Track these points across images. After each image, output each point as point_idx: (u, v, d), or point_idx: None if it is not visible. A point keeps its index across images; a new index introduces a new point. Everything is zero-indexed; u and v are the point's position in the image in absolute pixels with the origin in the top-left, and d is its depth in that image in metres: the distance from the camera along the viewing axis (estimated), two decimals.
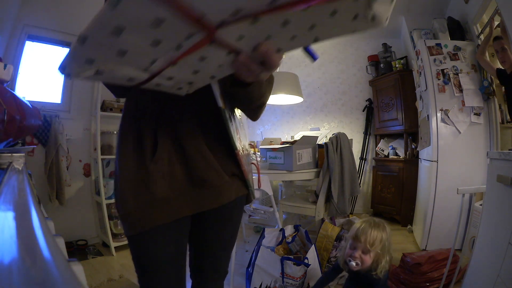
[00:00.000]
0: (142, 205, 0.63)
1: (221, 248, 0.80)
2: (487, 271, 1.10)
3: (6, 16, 1.99)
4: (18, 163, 0.83)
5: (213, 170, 0.67)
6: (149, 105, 0.66)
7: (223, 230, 0.78)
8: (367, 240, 1.11)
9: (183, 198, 0.66)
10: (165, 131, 0.65)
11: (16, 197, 0.56)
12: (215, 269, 0.81)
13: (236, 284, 1.70)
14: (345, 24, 0.38)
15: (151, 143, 0.64)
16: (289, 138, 3.03)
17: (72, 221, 2.35)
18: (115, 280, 1.77)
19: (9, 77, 1.41)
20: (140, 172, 0.63)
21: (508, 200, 1.04)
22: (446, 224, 2.10)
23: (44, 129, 2.21)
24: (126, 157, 0.65)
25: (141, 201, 0.63)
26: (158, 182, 0.63)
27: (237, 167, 0.73)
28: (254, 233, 2.66)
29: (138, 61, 0.37)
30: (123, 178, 0.64)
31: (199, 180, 0.66)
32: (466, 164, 2.15)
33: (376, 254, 1.12)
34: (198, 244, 0.78)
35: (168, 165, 0.64)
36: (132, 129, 0.66)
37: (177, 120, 0.66)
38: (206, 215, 0.72)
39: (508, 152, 1.04)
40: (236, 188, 0.74)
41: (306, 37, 0.40)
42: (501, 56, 1.91)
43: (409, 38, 2.85)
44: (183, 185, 0.66)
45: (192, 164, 0.66)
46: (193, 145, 0.66)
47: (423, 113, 2.53)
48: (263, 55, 0.40)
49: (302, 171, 2.02)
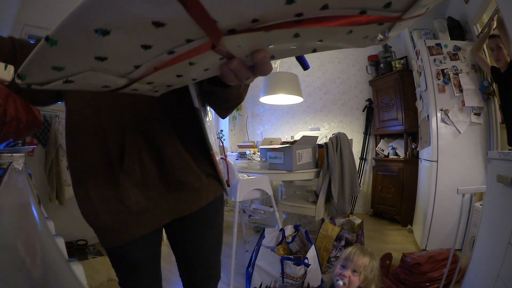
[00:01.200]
0: (117, 219, 0.60)
1: (210, 253, 0.77)
2: (487, 271, 1.10)
3: (6, 16, 1.99)
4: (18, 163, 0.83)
5: (192, 172, 0.63)
6: (109, 102, 0.59)
7: (210, 235, 0.75)
8: (358, 261, 1.10)
9: (160, 206, 0.63)
10: (135, 130, 0.59)
11: (16, 197, 0.56)
12: (209, 277, 0.79)
13: (236, 284, 1.70)
14: (350, 40, 0.36)
15: (117, 145, 0.58)
16: (289, 138, 3.03)
17: (72, 221, 2.33)
18: (115, 280, 1.77)
19: (10, 77, 1.41)
20: (109, 183, 0.59)
21: (508, 200, 1.04)
22: (446, 224, 2.10)
23: (44, 129, 2.21)
24: (89, 165, 0.59)
25: (115, 214, 0.60)
26: (132, 195, 0.59)
27: (213, 167, 0.71)
28: (254, 233, 2.66)
29: (119, 67, 0.32)
30: (91, 189, 0.59)
31: (177, 183, 0.63)
32: (466, 164, 2.15)
33: (365, 278, 1.10)
34: (186, 255, 0.76)
35: (140, 170, 0.59)
36: (91, 130, 0.59)
37: (150, 119, 0.60)
38: (188, 220, 0.70)
39: (508, 152, 1.04)
40: (214, 188, 0.72)
41: (306, 48, 0.37)
42: (496, 54, 1.91)
43: (409, 38, 2.85)
44: (158, 191, 0.62)
45: (170, 166, 0.61)
46: (170, 145, 0.61)
47: (423, 113, 2.53)
48: (258, 62, 0.36)
49: (302, 171, 2.02)
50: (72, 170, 0.62)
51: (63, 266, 0.27)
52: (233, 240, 1.65)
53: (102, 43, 0.26)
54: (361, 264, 1.10)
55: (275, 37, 0.32)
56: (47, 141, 2.21)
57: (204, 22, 0.26)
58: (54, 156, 2.17)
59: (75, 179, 0.62)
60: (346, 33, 0.32)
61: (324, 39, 0.34)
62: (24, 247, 0.29)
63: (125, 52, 0.28)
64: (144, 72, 0.34)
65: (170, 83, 0.43)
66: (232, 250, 1.64)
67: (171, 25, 0.25)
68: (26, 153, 1.98)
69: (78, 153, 0.60)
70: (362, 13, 0.28)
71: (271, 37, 0.32)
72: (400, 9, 0.29)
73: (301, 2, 0.24)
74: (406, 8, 0.28)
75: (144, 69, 0.33)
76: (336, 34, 0.33)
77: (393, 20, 0.31)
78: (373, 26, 0.31)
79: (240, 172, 1.89)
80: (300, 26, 0.28)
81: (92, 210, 0.60)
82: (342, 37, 0.34)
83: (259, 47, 0.35)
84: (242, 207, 2.50)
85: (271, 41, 0.34)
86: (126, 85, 0.37)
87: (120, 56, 0.29)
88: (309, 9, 0.26)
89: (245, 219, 2.97)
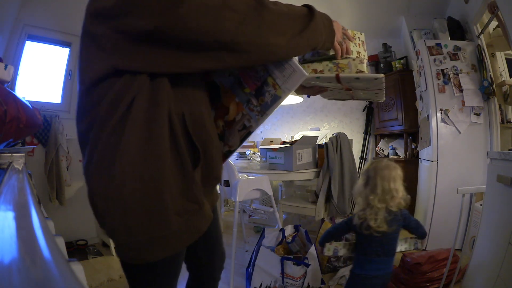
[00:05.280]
0: (185, 218, 0.56)
1: (221, 241, 0.87)
2: (487, 271, 1.10)
3: (6, 16, 2.00)
4: (18, 163, 0.84)
5: (222, 168, 0.70)
6: (187, 101, 0.59)
7: (218, 221, 0.86)
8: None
9: (207, 200, 0.64)
10: (202, 134, 0.60)
11: (16, 197, 0.56)
12: (223, 260, 0.88)
13: (236, 284, 1.70)
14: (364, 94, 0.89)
15: (187, 147, 0.58)
16: (289, 138, 3.03)
17: (72, 221, 2.35)
18: (115, 280, 1.77)
19: (10, 77, 1.41)
20: (187, 184, 0.56)
21: (508, 200, 1.04)
22: (446, 224, 2.10)
23: (44, 129, 2.21)
24: (165, 162, 0.54)
25: (184, 215, 0.56)
26: (201, 192, 0.59)
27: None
28: (254, 233, 2.66)
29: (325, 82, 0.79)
30: (166, 191, 0.53)
31: (215, 179, 0.67)
32: (466, 164, 2.15)
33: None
34: (207, 247, 0.81)
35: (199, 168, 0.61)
36: (165, 129, 0.55)
37: (207, 120, 0.63)
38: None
39: (508, 152, 1.04)
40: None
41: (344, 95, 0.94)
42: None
43: (409, 38, 2.85)
44: (201, 186, 0.62)
45: (213, 164, 0.63)
46: (215, 146, 0.65)
47: (423, 113, 2.53)
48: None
49: (302, 171, 2.02)
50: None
51: (63, 266, 0.27)
52: (233, 240, 1.65)
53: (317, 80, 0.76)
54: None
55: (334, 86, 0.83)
56: (47, 141, 2.21)
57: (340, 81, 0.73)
58: (54, 156, 2.17)
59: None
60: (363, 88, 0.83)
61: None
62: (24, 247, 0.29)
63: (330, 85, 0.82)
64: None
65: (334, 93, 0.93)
66: (232, 250, 1.64)
67: (335, 84, 0.78)
68: (26, 153, 1.98)
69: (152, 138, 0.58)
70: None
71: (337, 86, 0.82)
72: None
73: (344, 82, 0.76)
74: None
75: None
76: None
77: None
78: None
79: (240, 172, 1.89)
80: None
81: (162, 214, 0.56)
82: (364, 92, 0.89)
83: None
84: (242, 207, 2.50)
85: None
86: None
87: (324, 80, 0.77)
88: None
89: (245, 219, 2.97)
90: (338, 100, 0.99)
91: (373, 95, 0.88)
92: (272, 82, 0.57)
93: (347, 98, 0.96)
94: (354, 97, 0.94)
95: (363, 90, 0.83)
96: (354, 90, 0.84)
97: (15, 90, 2.07)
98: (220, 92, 0.68)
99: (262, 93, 0.59)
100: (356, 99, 0.96)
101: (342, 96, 0.95)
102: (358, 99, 0.96)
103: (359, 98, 0.95)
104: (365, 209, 1.11)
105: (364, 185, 1.14)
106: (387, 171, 1.10)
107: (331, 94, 0.95)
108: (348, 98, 0.96)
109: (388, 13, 2.90)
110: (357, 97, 0.93)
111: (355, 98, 0.95)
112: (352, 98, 0.95)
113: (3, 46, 2.05)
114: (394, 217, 1.08)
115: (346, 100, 0.98)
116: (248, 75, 0.60)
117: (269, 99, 0.58)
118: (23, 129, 1.10)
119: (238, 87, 0.63)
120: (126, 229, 0.51)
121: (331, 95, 0.96)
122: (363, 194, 1.13)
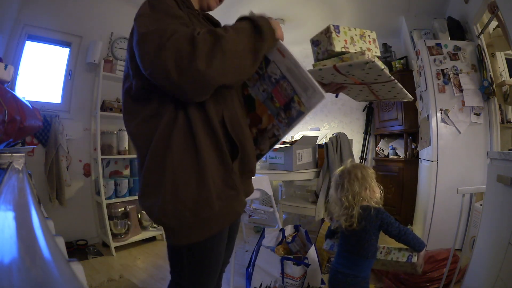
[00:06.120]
0: (225, 202, 0.66)
1: (235, 236, 0.93)
2: (487, 271, 1.10)
3: (6, 16, 1.99)
4: (18, 163, 0.84)
5: (255, 163, 0.78)
6: (227, 105, 0.70)
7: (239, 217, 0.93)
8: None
9: (242, 188, 0.73)
10: (239, 133, 0.70)
11: (16, 197, 0.56)
12: (229, 255, 0.93)
13: (236, 284, 1.70)
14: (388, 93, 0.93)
15: (226, 143, 0.68)
16: (289, 138, 3.03)
17: (72, 221, 2.35)
18: (115, 280, 1.77)
19: (10, 77, 1.41)
20: (227, 172, 0.66)
21: (508, 200, 1.04)
22: (446, 224, 2.10)
23: (44, 129, 2.21)
24: (209, 156, 0.64)
25: (225, 199, 0.65)
26: (239, 180, 0.69)
27: None
28: (254, 233, 2.66)
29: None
30: (209, 180, 0.62)
31: (249, 172, 0.76)
32: (466, 164, 2.15)
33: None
34: (230, 234, 0.85)
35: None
36: (208, 128, 0.66)
37: (243, 122, 0.73)
38: None
39: (508, 152, 1.04)
40: None
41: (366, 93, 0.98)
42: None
43: (409, 38, 2.85)
44: (239, 176, 0.71)
45: (248, 158, 0.72)
46: (251, 141, 0.74)
47: (423, 113, 2.53)
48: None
49: (302, 171, 2.02)
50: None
51: (63, 266, 0.27)
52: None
53: (321, 72, 0.85)
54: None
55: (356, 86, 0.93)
56: (47, 141, 2.21)
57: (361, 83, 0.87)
58: (54, 156, 2.17)
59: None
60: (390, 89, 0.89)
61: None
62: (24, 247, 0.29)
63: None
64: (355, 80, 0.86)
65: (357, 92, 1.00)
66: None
67: (345, 79, 0.85)
68: (26, 153, 1.98)
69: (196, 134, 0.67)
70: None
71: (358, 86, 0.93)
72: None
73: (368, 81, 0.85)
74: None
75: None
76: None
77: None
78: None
79: None
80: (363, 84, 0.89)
81: (205, 199, 0.65)
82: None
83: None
84: None
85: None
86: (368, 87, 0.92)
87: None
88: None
89: (245, 219, 2.97)
90: (366, 101, 1.13)
91: (397, 95, 0.92)
92: (298, 99, 0.67)
93: (373, 98, 1.01)
94: (380, 97, 0.98)
95: (382, 86, 0.86)
96: (377, 90, 0.91)
97: (15, 90, 2.07)
98: (255, 104, 0.80)
99: (290, 108, 0.69)
100: (384, 100, 1.00)
101: (368, 96, 1.00)
102: (385, 99, 0.99)
103: (386, 99, 0.99)
104: (340, 211, 1.17)
105: (335, 191, 1.21)
106: (353, 171, 1.18)
107: (356, 94, 1.01)
108: (374, 99, 1.01)
109: (388, 13, 2.90)
110: (384, 97, 0.97)
111: (381, 99, 0.99)
112: (378, 98, 0.99)
113: (3, 46, 2.05)
114: (367, 216, 1.10)
115: (373, 101, 1.08)
116: (278, 92, 0.71)
117: (295, 113, 0.69)
118: (23, 129, 1.10)
119: (270, 101, 0.75)
120: (176, 213, 0.60)
121: (356, 94, 1.01)
122: (336, 199, 1.19)
